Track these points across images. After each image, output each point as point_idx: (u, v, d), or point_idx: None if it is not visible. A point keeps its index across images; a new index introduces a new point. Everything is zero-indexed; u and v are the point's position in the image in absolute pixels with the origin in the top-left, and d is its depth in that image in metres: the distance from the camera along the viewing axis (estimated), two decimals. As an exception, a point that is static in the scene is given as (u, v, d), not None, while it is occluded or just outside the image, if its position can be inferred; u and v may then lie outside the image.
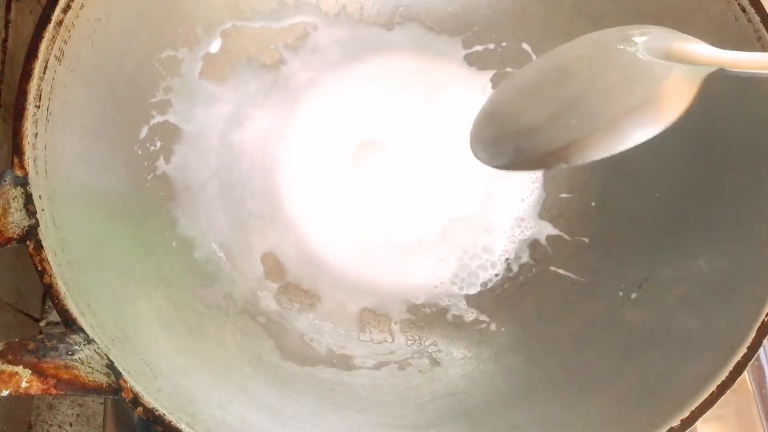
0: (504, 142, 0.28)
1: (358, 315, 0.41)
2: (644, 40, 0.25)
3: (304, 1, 0.42)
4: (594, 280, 0.39)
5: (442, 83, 0.43)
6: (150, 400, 0.27)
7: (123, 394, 0.27)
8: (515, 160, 0.27)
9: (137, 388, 0.27)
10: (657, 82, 0.23)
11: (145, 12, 0.35)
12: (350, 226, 0.42)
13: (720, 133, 0.35)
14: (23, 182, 0.28)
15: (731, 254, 0.33)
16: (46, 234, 0.28)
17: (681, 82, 0.23)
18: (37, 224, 0.28)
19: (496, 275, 0.42)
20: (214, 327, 0.36)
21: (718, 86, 0.34)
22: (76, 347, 0.26)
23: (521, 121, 0.27)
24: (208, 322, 0.36)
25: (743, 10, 0.33)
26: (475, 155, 0.29)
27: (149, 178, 0.38)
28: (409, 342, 0.40)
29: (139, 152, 0.37)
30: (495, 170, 0.42)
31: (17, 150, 0.28)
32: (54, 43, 0.30)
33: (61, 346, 0.26)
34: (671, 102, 0.23)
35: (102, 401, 0.41)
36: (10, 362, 0.25)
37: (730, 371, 0.29)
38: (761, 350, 0.30)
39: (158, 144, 0.38)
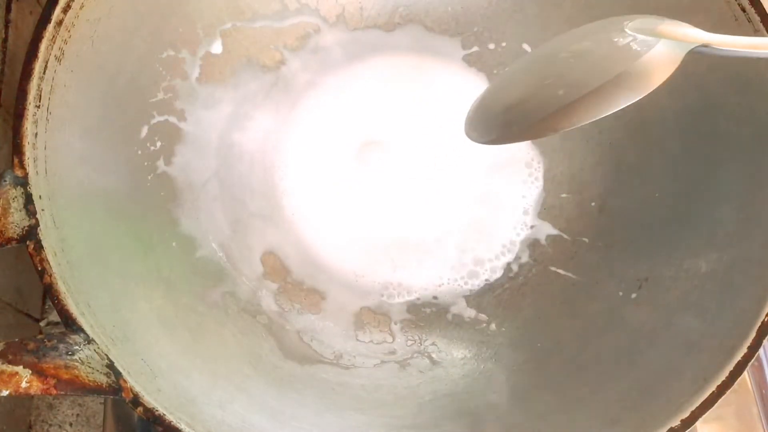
0: (495, 117, 0.30)
1: (357, 315, 0.41)
2: (631, 23, 0.27)
3: (304, 3, 0.42)
4: (594, 280, 0.39)
5: (442, 83, 0.43)
6: (150, 400, 0.27)
7: (123, 394, 0.27)
8: (507, 133, 0.29)
9: (137, 388, 0.27)
10: (640, 54, 0.25)
11: (145, 12, 0.35)
12: (350, 226, 0.42)
13: (720, 133, 0.35)
14: (23, 182, 0.28)
15: (731, 254, 0.33)
16: (46, 234, 0.28)
17: (663, 55, 0.25)
18: (37, 224, 0.28)
19: (496, 275, 0.42)
20: (215, 327, 0.36)
21: (720, 87, 0.34)
22: (76, 347, 0.26)
23: (511, 96, 0.29)
24: (208, 322, 0.36)
25: (743, 10, 0.33)
26: (468, 136, 0.31)
27: (149, 178, 0.38)
28: (409, 342, 0.40)
29: (139, 152, 0.37)
30: (494, 171, 0.42)
31: (17, 150, 0.28)
32: (54, 43, 0.30)
33: (61, 346, 0.26)
34: (653, 72, 0.25)
35: (102, 401, 0.41)
36: (10, 362, 0.25)
37: (730, 371, 0.29)
38: (761, 350, 0.30)
39: (158, 144, 0.38)
